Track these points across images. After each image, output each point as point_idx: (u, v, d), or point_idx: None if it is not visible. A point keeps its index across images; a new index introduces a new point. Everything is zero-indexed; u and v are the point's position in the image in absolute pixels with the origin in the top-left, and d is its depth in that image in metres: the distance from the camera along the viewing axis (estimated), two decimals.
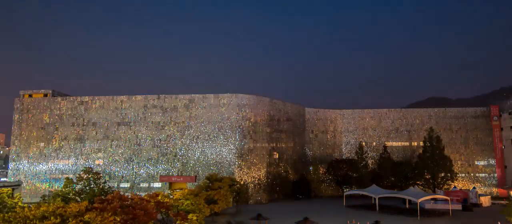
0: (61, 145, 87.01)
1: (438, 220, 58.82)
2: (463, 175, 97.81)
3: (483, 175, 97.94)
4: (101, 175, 63.52)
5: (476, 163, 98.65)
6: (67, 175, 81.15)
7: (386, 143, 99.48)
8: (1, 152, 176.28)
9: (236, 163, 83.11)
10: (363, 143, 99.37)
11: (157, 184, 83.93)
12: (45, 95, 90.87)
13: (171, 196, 49.19)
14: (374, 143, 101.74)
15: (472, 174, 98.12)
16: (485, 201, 76.01)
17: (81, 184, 58.89)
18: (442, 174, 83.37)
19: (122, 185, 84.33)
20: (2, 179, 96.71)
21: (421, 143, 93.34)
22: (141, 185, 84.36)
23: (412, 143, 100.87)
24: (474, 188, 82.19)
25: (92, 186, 59.15)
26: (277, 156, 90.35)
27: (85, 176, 59.36)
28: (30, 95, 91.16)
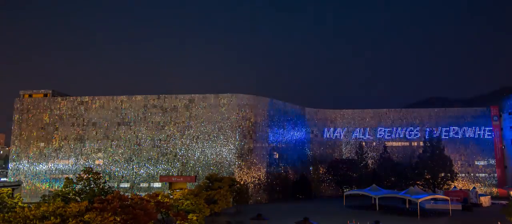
0: (61, 145, 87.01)
1: (438, 220, 58.78)
2: (463, 175, 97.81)
3: (483, 175, 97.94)
4: (101, 175, 63.36)
5: (476, 163, 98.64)
6: (67, 175, 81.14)
7: (386, 143, 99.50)
8: (1, 152, 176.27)
9: (236, 163, 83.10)
10: (363, 143, 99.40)
11: (157, 184, 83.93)
12: (45, 95, 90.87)
13: (171, 196, 49.18)
14: (374, 143, 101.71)
15: (472, 174, 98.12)
16: (485, 201, 75.94)
17: (81, 184, 58.79)
18: (442, 174, 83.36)
19: (122, 185, 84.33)
20: (2, 179, 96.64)
21: (421, 143, 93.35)
22: (141, 185, 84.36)
23: (412, 143, 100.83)
24: (474, 188, 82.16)
25: (92, 186, 59.06)
26: (277, 156, 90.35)
27: (85, 176, 59.23)
28: (30, 95, 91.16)
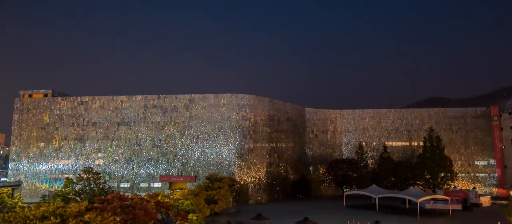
0: (61, 145, 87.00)
1: (438, 220, 58.82)
2: (463, 175, 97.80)
3: (483, 175, 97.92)
4: (101, 175, 63.50)
5: (476, 163, 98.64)
6: (67, 175, 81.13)
7: (386, 143, 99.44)
8: (1, 152, 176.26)
9: (236, 163, 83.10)
10: (363, 143, 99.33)
11: (157, 184, 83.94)
12: (45, 95, 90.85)
13: (171, 196, 49.21)
14: (374, 143, 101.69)
15: (472, 174, 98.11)
16: (485, 201, 75.98)
17: (81, 184, 58.88)
18: (442, 174, 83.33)
19: (122, 185, 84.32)
20: (2, 179, 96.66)
21: (421, 143, 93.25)
22: (141, 185, 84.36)
23: (412, 143, 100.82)
24: (474, 188, 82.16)
25: (92, 186, 59.15)
26: (277, 156, 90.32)
27: (85, 176, 59.35)
28: (30, 95, 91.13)
